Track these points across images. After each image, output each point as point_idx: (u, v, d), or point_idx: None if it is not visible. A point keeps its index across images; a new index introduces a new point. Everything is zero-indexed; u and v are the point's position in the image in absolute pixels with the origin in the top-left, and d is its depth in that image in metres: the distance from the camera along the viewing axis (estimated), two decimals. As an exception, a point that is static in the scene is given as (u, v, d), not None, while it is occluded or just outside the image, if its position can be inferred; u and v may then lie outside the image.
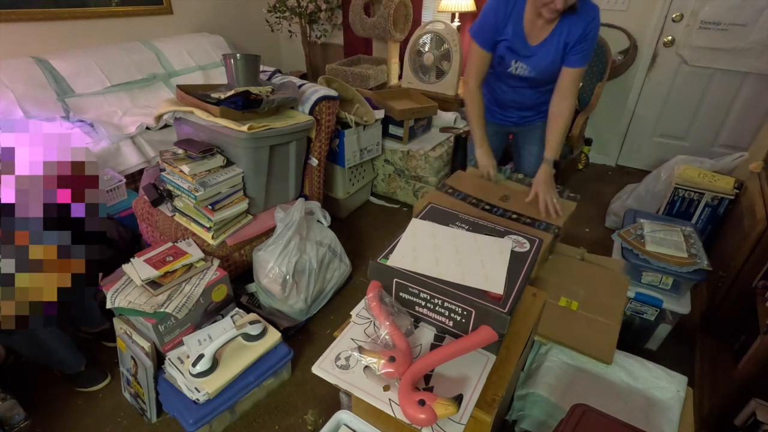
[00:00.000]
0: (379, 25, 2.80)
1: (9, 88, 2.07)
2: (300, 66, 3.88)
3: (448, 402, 0.67)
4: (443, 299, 0.80)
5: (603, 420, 0.75)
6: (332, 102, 1.89)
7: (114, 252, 1.73)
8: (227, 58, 1.67)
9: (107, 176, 1.96)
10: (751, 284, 1.38)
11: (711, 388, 1.35)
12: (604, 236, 2.31)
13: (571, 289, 1.39)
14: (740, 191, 1.81)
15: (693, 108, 2.74)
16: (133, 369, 1.38)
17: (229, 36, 3.28)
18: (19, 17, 2.28)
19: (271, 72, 2.05)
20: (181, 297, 1.37)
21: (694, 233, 1.58)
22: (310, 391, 1.48)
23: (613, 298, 1.36)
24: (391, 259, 0.86)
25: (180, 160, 1.55)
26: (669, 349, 1.61)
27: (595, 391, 1.14)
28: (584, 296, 1.36)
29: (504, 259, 0.87)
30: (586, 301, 1.34)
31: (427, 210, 1.04)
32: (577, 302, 1.34)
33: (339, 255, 1.81)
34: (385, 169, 2.60)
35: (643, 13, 2.63)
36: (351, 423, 0.97)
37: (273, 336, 1.43)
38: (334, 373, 0.77)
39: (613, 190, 2.56)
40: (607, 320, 1.28)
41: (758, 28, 2.37)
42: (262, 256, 1.60)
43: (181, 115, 1.72)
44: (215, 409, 1.27)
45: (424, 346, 0.82)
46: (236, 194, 1.65)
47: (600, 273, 1.46)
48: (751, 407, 1.14)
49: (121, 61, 2.50)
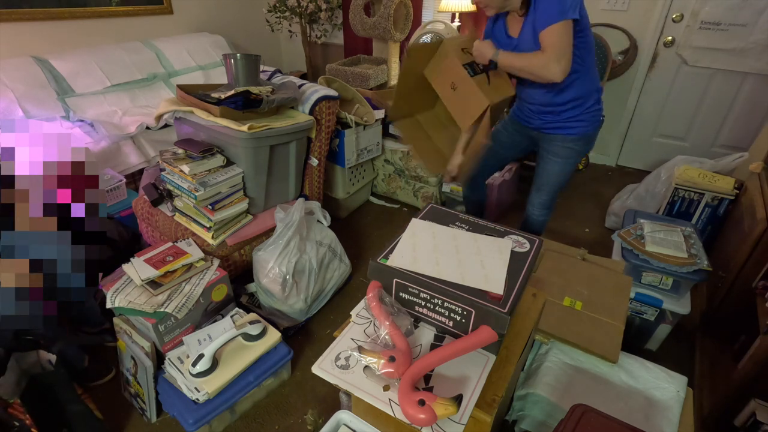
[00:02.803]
0: (379, 25, 2.80)
1: (9, 88, 2.07)
2: (300, 66, 3.88)
3: (447, 402, 0.67)
4: (443, 299, 0.80)
5: (603, 420, 0.75)
6: (332, 102, 1.89)
7: (114, 252, 1.73)
8: (227, 57, 1.67)
9: (107, 176, 1.96)
10: (751, 284, 1.38)
11: (711, 388, 1.35)
12: (604, 236, 2.31)
13: (574, 289, 1.39)
14: (740, 192, 1.80)
15: (693, 108, 2.74)
16: (133, 369, 1.38)
17: (229, 36, 3.28)
18: (19, 17, 2.29)
19: (271, 72, 2.05)
20: (181, 297, 1.37)
21: (694, 233, 1.58)
22: (310, 391, 1.48)
23: (616, 298, 1.36)
24: (391, 259, 0.86)
25: (180, 160, 1.55)
26: (669, 349, 1.61)
27: (595, 391, 1.14)
28: (588, 296, 1.37)
29: (504, 259, 0.87)
30: (590, 301, 1.35)
31: (427, 210, 1.04)
32: (581, 302, 1.34)
33: (339, 255, 1.81)
34: (385, 169, 2.60)
35: (643, 13, 2.63)
36: (351, 423, 0.97)
37: (273, 336, 1.43)
38: (333, 373, 0.77)
39: (613, 190, 2.56)
40: (611, 320, 1.28)
41: (758, 28, 2.37)
42: (262, 256, 1.60)
43: (181, 114, 1.72)
44: (215, 409, 1.27)
45: (424, 346, 0.82)
46: (236, 194, 1.65)
47: (602, 273, 1.46)
48: (751, 408, 1.14)
49: (121, 61, 2.50)
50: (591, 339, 1.23)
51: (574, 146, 1.53)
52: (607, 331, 1.25)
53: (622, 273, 1.47)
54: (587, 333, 1.25)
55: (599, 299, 1.35)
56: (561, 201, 2.68)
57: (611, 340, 1.23)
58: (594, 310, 1.32)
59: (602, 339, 1.23)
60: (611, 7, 2.68)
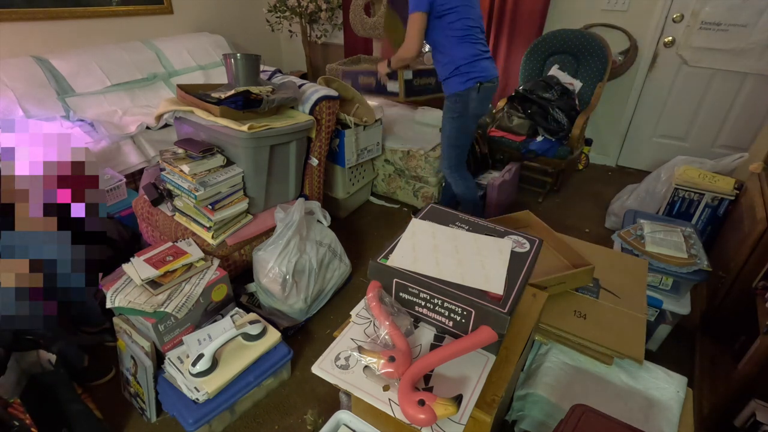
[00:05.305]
0: (379, 25, 2.79)
1: (9, 88, 2.07)
2: (300, 66, 3.88)
3: (447, 402, 0.67)
4: (443, 299, 0.80)
5: (603, 420, 0.75)
6: (332, 102, 1.89)
7: (114, 252, 1.73)
8: (227, 57, 1.67)
9: (107, 176, 1.96)
10: (750, 285, 1.38)
11: (711, 388, 1.35)
12: (604, 237, 2.31)
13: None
14: (740, 192, 1.80)
15: (693, 108, 2.74)
16: (133, 368, 1.38)
17: (229, 36, 3.28)
18: (19, 17, 2.29)
19: (272, 72, 2.05)
20: (181, 296, 1.37)
21: (694, 234, 1.58)
22: (310, 391, 1.48)
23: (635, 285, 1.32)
24: (391, 259, 0.86)
25: (180, 160, 1.55)
26: (669, 349, 1.61)
27: (595, 391, 1.14)
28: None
29: (504, 260, 0.87)
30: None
31: (427, 210, 1.04)
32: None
33: (339, 255, 1.81)
34: (385, 169, 2.60)
35: (643, 13, 2.63)
36: (351, 423, 0.97)
37: (273, 336, 1.43)
38: (333, 373, 0.77)
39: (613, 190, 2.56)
40: (636, 313, 1.23)
41: (758, 28, 2.37)
42: (262, 256, 1.60)
43: (181, 114, 1.72)
44: (215, 409, 1.27)
45: (424, 346, 0.82)
46: (236, 194, 1.65)
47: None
48: (751, 408, 1.14)
49: (121, 61, 2.50)
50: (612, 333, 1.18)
51: (449, 103, 1.91)
52: (630, 324, 1.20)
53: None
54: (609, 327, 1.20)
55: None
56: (561, 201, 2.68)
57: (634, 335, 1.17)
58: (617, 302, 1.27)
59: (626, 335, 1.18)
60: (611, 8, 2.68)
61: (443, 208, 1.04)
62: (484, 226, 0.98)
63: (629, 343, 1.15)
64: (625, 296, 1.29)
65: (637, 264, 1.41)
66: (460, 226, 0.97)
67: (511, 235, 0.95)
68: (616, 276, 1.36)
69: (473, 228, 0.97)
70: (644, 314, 1.23)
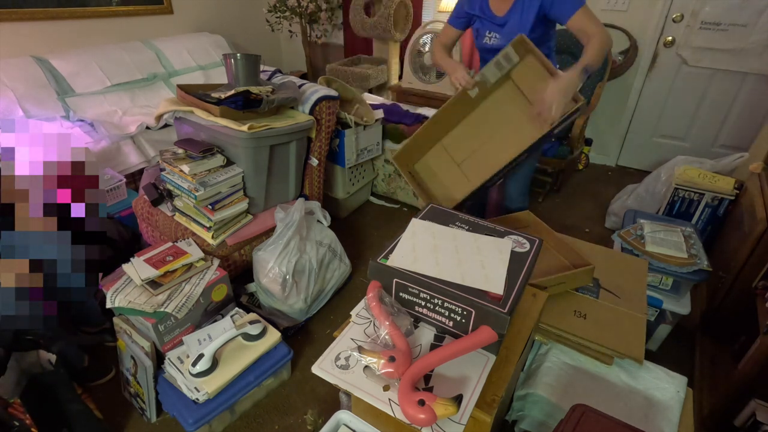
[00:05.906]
0: (379, 25, 2.80)
1: (9, 88, 2.07)
2: (300, 66, 3.88)
3: (447, 402, 0.67)
4: (443, 299, 0.80)
5: (603, 420, 0.75)
6: (332, 102, 1.89)
7: (114, 252, 1.73)
8: (227, 57, 1.67)
9: (107, 176, 1.96)
10: (751, 285, 1.38)
11: (711, 388, 1.35)
12: (604, 236, 2.31)
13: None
14: (740, 192, 1.80)
15: (693, 108, 2.74)
16: (133, 368, 1.38)
17: (229, 36, 3.28)
18: (19, 17, 2.29)
19: (272, 72, 2.05)
20: (181, 297, 1.37)
21: (694, 234, 1.58)
22: (310, 391, 1.48)
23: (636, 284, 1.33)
24: (391, 259, 0.86)
25: (180, 160, 1.55)
26: (669, 349, 1.61)
27: (595, 391, 1.14)
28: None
29: (504, 259, 0.87)
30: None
31: (427, 210, 1.04)
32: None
33: (339, 255, 1.81)
34: (385, 169, 2.60)
35: (643, 13, 2.63)
36: (351, 423, 0.97)
37: (273, 336, 1.43)
38: (333, 373, 0.77)
39: (613, 190, 2.56)
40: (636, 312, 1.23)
41: (758, 28, 2.37)
42: (262, 256, 1.60)
43: (181, 114, 1.72)
44: (215, 409, 1.27)
45: (424, 346, 0.82)
46: (236, 194, 1.65)
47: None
48: (751, 408, 1.14)
49: (121, 61, 2.50)
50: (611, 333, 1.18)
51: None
52: (631, 324, 1.20)
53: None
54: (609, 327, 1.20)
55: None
56: (561, 201, 2.68)
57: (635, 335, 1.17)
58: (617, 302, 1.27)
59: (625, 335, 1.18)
60: (611, 7, 2.68)
61: (443, 208, 1.04)
62: (484, 226, 0.98)
63: (629, 343, 1.15)
64: (625, 296, 1.29)
65: (637, 264, 1.41)
66: (460, 226, 0.97)
67: (511, 235, 0.95)
68: (616, 276, 1.36)
69: (473, 228, 0.97)
70: (644, 314, 1.23)
